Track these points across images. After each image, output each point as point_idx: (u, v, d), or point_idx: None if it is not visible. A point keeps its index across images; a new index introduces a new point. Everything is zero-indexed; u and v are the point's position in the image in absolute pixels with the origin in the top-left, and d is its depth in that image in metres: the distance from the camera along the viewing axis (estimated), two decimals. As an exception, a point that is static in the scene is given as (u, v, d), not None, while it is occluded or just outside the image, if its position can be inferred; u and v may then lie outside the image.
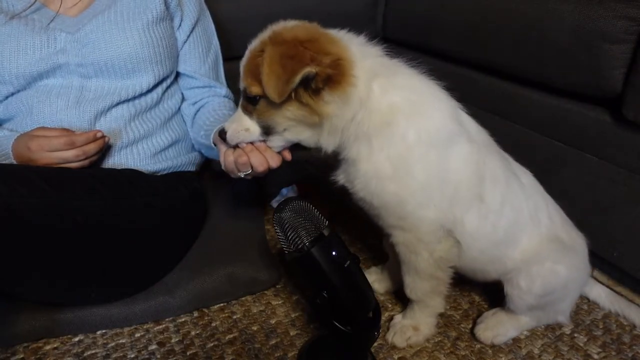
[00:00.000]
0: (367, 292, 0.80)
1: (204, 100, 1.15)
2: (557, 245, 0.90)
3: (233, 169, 0.86)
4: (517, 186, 0.89)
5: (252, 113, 0.80)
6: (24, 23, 0.95)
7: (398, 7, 1.62)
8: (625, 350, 0.96)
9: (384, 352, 0.94)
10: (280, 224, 0.76)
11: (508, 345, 0.97)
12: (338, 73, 0.73)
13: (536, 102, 1.18)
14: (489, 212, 0.85)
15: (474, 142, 0.83)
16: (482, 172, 0.84)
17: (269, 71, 0.71)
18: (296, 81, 0.70)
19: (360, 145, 0.79)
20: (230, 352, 0.94)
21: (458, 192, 0.82)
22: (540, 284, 0.89)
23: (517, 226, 0.89)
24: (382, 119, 0.77)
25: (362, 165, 0.80)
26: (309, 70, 0.70)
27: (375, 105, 0.77)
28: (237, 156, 0.83)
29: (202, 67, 1.15)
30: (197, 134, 1.11)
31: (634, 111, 0.96)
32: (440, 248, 0.85)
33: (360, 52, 0.77)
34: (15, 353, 0.93)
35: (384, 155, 0.78)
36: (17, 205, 0.76)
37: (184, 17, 1.10)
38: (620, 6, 0.95)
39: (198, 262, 1.06)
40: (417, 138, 0.78)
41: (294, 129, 0.80)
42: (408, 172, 0.79)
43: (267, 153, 0.83)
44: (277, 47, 0.72)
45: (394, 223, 0.84)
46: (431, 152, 0.79)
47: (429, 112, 0.80)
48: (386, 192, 0.80)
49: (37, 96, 0.96)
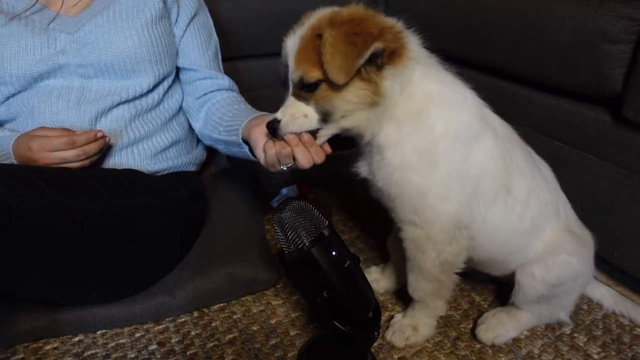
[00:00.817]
0: (367, 292, 0.80)
1: (209, 95, 1.14)
2: (572, 238, 0.92)
3: (275, 162, 0.81)
4: (540, 178, 0.91)
5: (309, 100, 0.77)
6: (24, 24, 0.95)
7: (398, 7, 1.62)
8: (625, 350, 0.96)
9: (384, 352, 0.94)
10: (280, 224, 0.76)
11: (508, 345, 0.97)
12: (400, 46, 0.74)
13: (536, 102, 1.18)
14: (515, 203, 0.87)
15: (499, 136, 0.85)
16: (508, 164, 0.85)
17: (333, 51, 0.70)
18: (366, 56, 0.70)
19: (390, 130, 0.79)
20: (230, 352, 0.94)
21: (483, 186, 0.83)
22: (555, 275, 0.90)
23: (541, 217, 0.90)
24: (416, 106, 0.78)
25: (389, 153, 0.80)
26: (378, 45, 0.71)
27: (412, 91, 0.78)
28: (280, 147, 0.79)
29: (202, 59, 1.14)
30: (212, 131, 1.09)
31: (634, 111, 0.96)
32: (448, 250, 0.86)
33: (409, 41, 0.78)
34: (15, 353, 0.93)
35: (411, 145, 0.79)
36: (17, 205, 0.76)
37: (181, 12, 1.10)
38: (620, 6, 0.95)
39: (198, 262, 1.06)
40: (444, 130, 0.79)
41: (351, 115, 0.78)
42: (433, 164, 0.79)
43: (312, 149, 0.79)
44: (339, 27, 0.71)
45: (408, 217, 0.84)
46: (457, 147, 0.80)
47: (459, 106, 0.81)
48: (408, 182, 0.80)
49: (38, 97, 0.96)
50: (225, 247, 1.11)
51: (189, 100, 1.16)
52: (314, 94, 0.77)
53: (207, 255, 1.08)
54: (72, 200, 0.83)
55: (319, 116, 0.78)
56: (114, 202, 0.89)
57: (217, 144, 1.12)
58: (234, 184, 1.33)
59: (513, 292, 0.95)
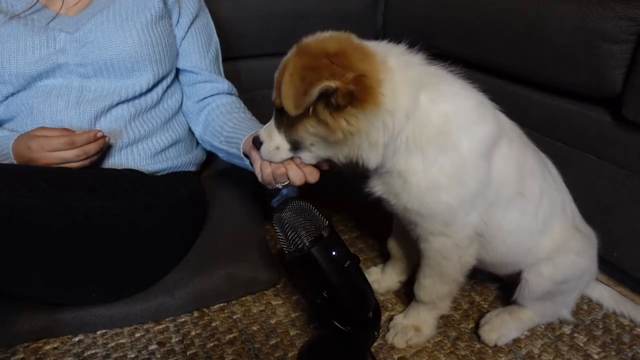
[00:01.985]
0: (367, 292, 0.80)
1: (209, 99, 1.14)
2: (579, 235, 0.93)
3: (271, 180, 0.84)
4: (549, 177, 0.92)
5: (281, 126, 0.78)
6: (24, 23, 0.95)
7: (398, 7, 1.62)
8: (625, 350, 0.96)
9: (384, 352, 0.94)
10: (280, 224, 0.76)
11: (508, 345, 0.96)
12: (361, 90, 0.69)
13: (536, 102, 1.18)
14: (529, 205, 0.87)
15: (512, 140, 0.84)
16: (522, 168, 0.85)
17: (288, 81, 0.68)
18: (313, 95, 0.67)
19: (412, 157, 0.77)
20: (230, 352, 0.94)
21: (500, 193, 0.83)
22: (563, 273, 0.91)
23: (552, 215, 0.91)
24: (436, 130, 0.75)
25: (414, 177, 0.78)
26: (327, 84, 0.67)
27: (425, 116, 0.75)
28: (274, 168, 0.82)
29: (203, 61, 1.14)
30: (213, 139, 1.10)
31: (634, 111, 0.96)
32: (468, 253, 0.87)
33: (401, 63, 0.74)
34: (15, 353, 0.93)
35: (438, 167, 0.77)
36: (17, 205, 0.76)
37: (182, 13, 1.10)
38: (620, 6, 0.95)
39: (198, 262, 1.06)
40: (471, 147, 0.77)
41: (320, 145, 0.77)
42: (461, 182, 0.78)
43: (306, 169, 0.81)
44: (301, 58, 0.70)
45: (438, 230, 0.84)
46: (481, 161, 0.79)
47: (479, 118, 0.80)
48: (440, 202, 0.79)
49: (38, 96, 0.96)
50: (225, 247, 1.11)
51: (189, 103, 1.16)
52: (282, 121, 0.77)
53: (207, 255, 1.08)
54: (72, 200, 0.83)
55: (289, 145, 0.79)
56: (114, 202, 0.89)
57: (217, 151, 1.12)
58: (234, 184, 1.33)
59: (517, 288, 0.96)
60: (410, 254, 1.07)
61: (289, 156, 0.81)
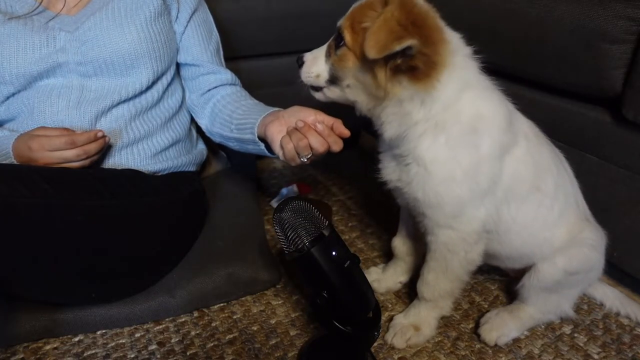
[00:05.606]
0: (367, 292, 0.80)
1: (214, 91, 1.14)
2: (592, 226, 0.95)
3: (294, 155, 0.83)
4: (563, 171, 0.94)
5: (330, 57, 0.82)
6: (23, 23, 0.95)
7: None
8: (625, 350, 0.96)
9: (384, 352, 0.94)
10: (280, 224, 0.76)
11: (508, 346, 0.96)
12: (428, 67, 0.74)
13: (536, 102, 1.18)
14: (545, 198, 0.90)
15: (529, 140, 0.88)
16: (538, 164, 0.89)
17: (382, 25, 0.70)
18: (400, 47, 0.69)
19: (435, 145, 0.81)
20: (230, 352, 0.94)
21: (514, 190, 0.87)
22: (576, 264, 0.92)
23: (566, 207, 0.93)
24: (468, 126, 0.80)
25: (434, 167, 0.81)
26: (416, 44, 0.70)
27: (461, 111, 0.80)
28: (296, 140, 0.81)
29: (204, 54, 1.14)
30: (223, 129, 1.09)
31: (634, 111, 0.96)
32: (475, 249, 0.89)
33: (462, 63, 0.80)
34: (15, 353, 0.93)
35: (457, 161, 0.81)
36: (18, 204, 0.76)
37: (181, 9, 1.10)
38: (620, 6, 0.95)
39: (198, 262, 1.06)
40: (490, 151, 0.82)
41: (356, 90, 0.81)
42: (475, 182, 0.82)
43: (330, 138, 0.82)
44: (403, 11, 0.71)
45: (446, 222, 0.86)
46: (496, 162, 0.83)
47: (507, 127, 0.84)
48: (452, 195, 0.83)
49: (38, 96, 0.96)
50: (225, 247, 1.11)
51: (193, 97, 1.16)
52: (335, 53, 0.81)
53: (207, 255, 1.08)
54: (72, 200, 0.83)
55: (329, 77, 0.84)
56: (114, 202, 0.89)
57: (228, 141, 1.11)
58: (234, 184, 1.34)
59: (525, 277, 0.96)
60: (414, 254, 1.07)
61: (321, 85, 0.86)
